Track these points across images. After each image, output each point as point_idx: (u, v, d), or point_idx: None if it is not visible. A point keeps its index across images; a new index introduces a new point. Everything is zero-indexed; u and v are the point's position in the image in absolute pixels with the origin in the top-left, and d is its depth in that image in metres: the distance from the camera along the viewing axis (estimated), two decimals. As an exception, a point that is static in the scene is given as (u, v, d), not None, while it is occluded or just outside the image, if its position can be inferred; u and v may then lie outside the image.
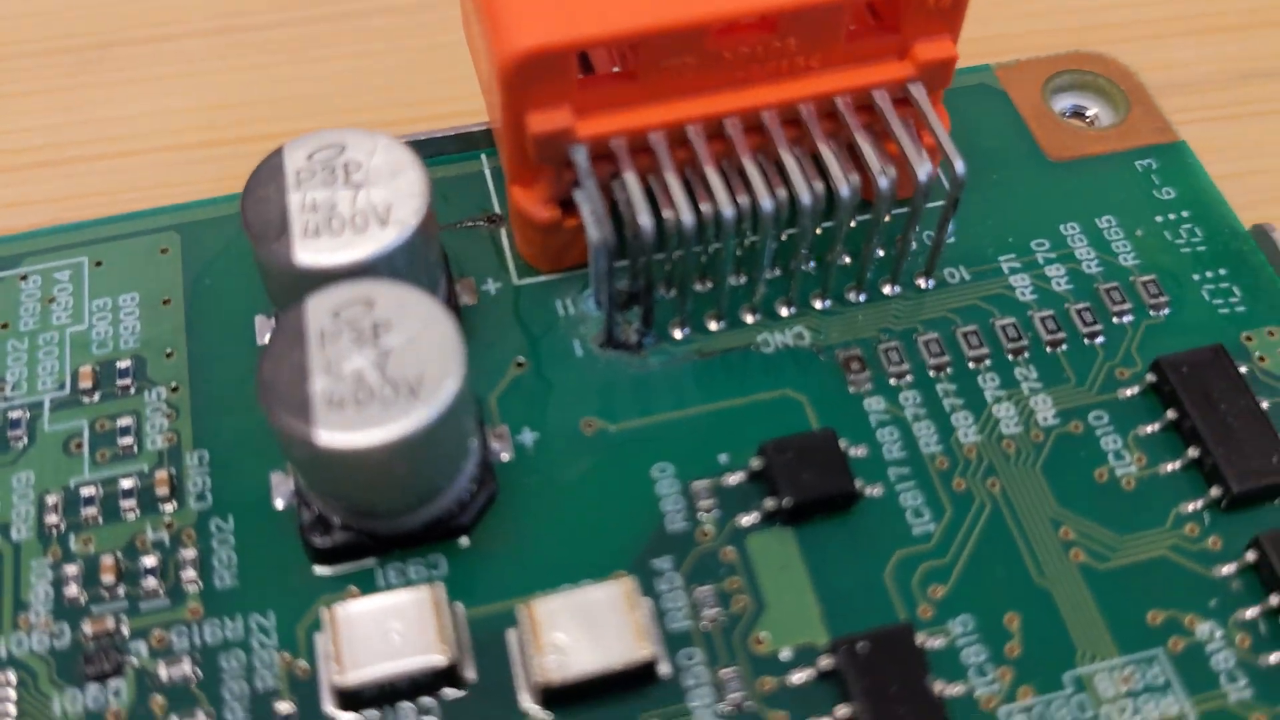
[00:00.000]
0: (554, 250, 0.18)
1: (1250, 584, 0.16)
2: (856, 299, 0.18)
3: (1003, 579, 0.16)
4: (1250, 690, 0.15)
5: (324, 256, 0.15)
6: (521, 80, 0.16)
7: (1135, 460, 0.17)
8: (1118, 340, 0.18)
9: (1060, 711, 0.15)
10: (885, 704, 0.14)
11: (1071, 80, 0.21)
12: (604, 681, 0.14)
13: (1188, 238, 0.19)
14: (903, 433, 0.17)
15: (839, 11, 0.16)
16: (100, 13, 0.25)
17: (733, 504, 0.16)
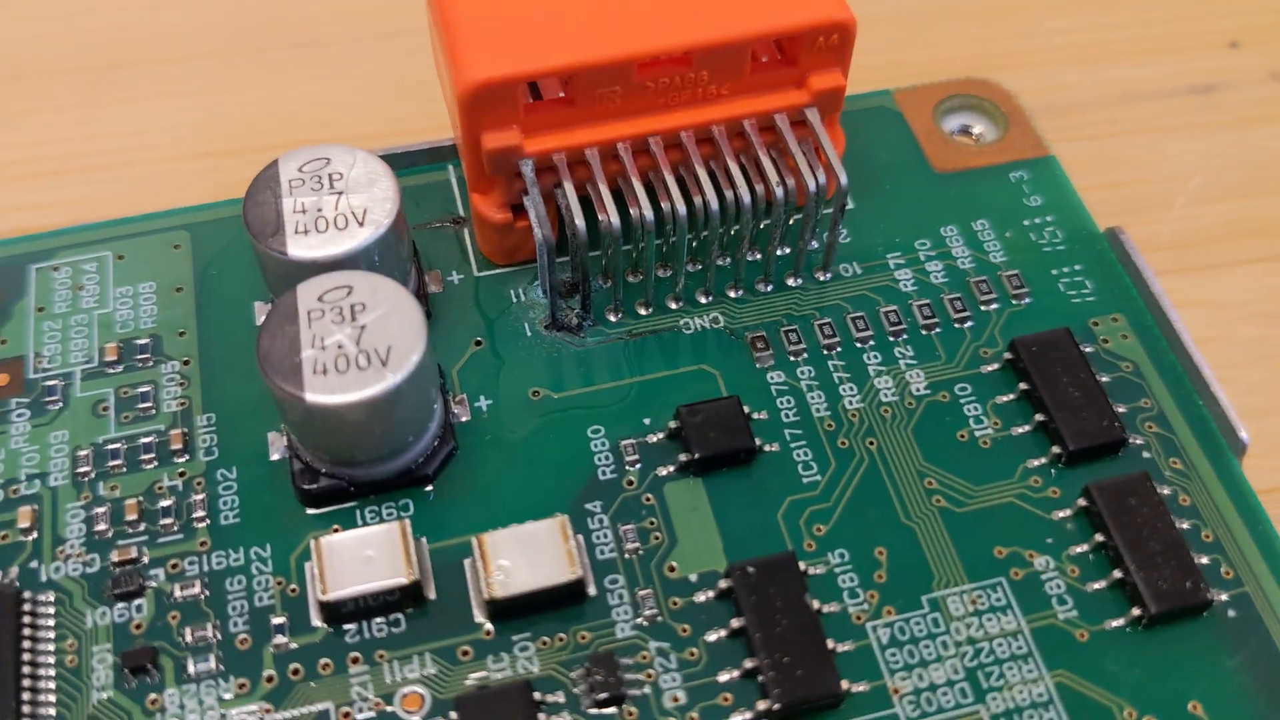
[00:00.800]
0: (507, 247, 0.20)
1: (1081, 526, 0.18)
2: (764, 289, 0.21)
3: (875, 520, 0.18)
4: (1075, 611, 0.17)
5: (312, 251, 0.18)
6: (478, 106, 0.18)
7: (992, 424, 0.19)
8: (984, 325, 0.20)
9: (917, 626, 0.17)
10: (770, 615, 0.17)
11: (961, 103, 0.23)
12: (541, 598, 0.17)
13: (1049, 239, 0.21)
14: (798, 400, 0.19)
15: (743, 50, 0.19)
16: (113, 39, 0.27)
17: (653, 458, 0.19)
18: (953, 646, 0.17)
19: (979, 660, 0.17)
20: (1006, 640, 0.17)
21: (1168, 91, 0.26)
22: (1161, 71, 0.27)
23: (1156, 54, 0.27)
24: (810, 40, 0.19)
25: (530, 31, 0.18)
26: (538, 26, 0.18)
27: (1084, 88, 0.26)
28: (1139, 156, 0.25)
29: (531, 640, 0.17)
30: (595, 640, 0.17)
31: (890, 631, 0.17)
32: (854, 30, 0.19)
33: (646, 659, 0.17)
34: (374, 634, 0.17)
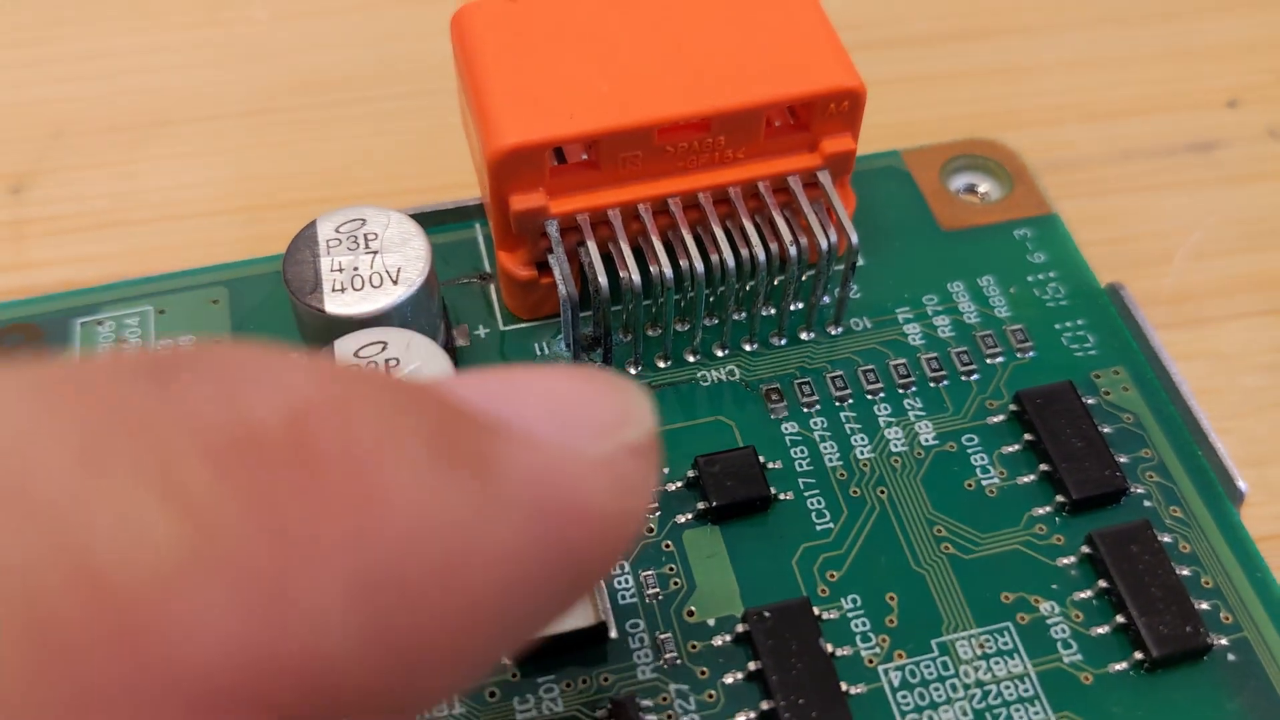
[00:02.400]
0: (532, 303, 0.21)
1: (1084, 572, 0.19)
2: (778, 342, 0.21)
3: (886, 566, 0.19)
4: (1080, 655, 0.18)
5: (349, 308, 0.19)
6: (506, 170, 0.19)
7: (998, 473, 0.20)
8: (989, 377, 0.21)
9: (928, 669, 0.18)
10: (786, 659, 0.18)
11: (966, 162, 0.24)
12: (565, 641, 0.18)
13: (1053, 294, 0.22)
14: (811, 450, 0.20)
15: (759, 116, 0.19)
16: (152, 98, 0.28)
17: (672, 507, 0.19)
18: (962, 689, 0.18)
19: (987, 702, 0.18)
20: (1013, 683, 0.18)
21: (1168, 149, 0.27)
22: (1162, 129, 0.28)
23: (1157, 112, 0.28)
24: (822, 107, 0.20)
25: (556, 99, 0.19)
26: (563, 94, 0.19)
27: (1086, 145, 0.27)
28: (1140, 212, 0.26)
29: (556, 682, 0.18)
30: (617, 682, 0.18)
31: (901, 674, 0.18)
32: (864, 97, 0.20)
33: (666, 700, 0.18)
34: (405, 675, 0.18)
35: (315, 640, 0.08)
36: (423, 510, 0.09)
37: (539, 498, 0.10)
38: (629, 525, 0.11)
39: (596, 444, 0.11)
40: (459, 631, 0.10)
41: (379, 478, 0.09)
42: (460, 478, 0.10)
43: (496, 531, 0.10)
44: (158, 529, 0.08)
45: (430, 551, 0.09)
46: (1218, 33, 0.30)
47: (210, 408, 0.09)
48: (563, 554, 0.10)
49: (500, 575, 0.10)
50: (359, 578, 0.09)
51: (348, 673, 0.09)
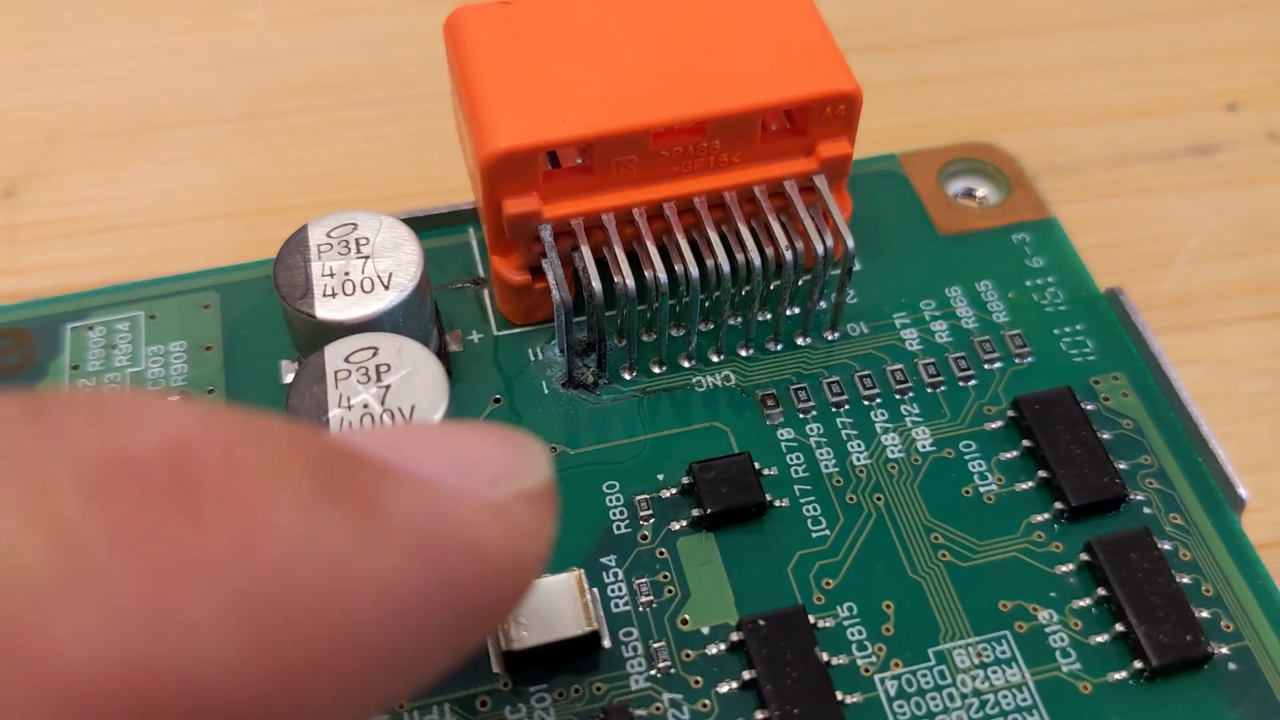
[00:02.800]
0: (526, 307, 0.21)
1: (1083, 580, 0.19)
2: (774, 348, 0.21)
3: (882, 574, 0.19)
4: (1078, 664, 0.18)
5: (340, 313, 0.18)
6: (499, 174, 0.19)
7: (996, 480, 0.20)
8: (987, 383, 0.21)
9: (924, 678, 0.18)
10: (781, 668, 0.17)
11: (964, 166, 0.24)
12: (557, 650, 0.17)
13: (1051, 299, 0.22)
14: (807, 456, 0.20)
15: (754, 120, 0.19)
16: (145, 103, 0.28)
17: (666, 513, 0.19)
18: (959, 698, 0.18)
19: (984, 712, 0.17)
20: (1011, 692, 0.18)
21: (1167, 152, 0.27)
22: (1161, 132, 0.27)
23: (1156, 115, 0.28)
24: (818, 111, 0.20)
25: (550, 103, 0.19)
26: (557, 98, 0.19)
27: (1085, 149, 0.27)
28: (1139, 216, 0.26)
29: (548, 691, 0.18)
30: (610, 692, 0.18)
31: (898, 683, 0.18)
32: (860, 101, 0.20)
33: (660, 710, 0.17)
34: (396, 685, 0.18)
35: (193, 655, 0.09)
36: (302, 537, 0.09)
37: (424, 534, 0.10)
38: (523, 569, 0.11)
39: (490, 490, 0.11)
40: (342, 659, 0.10)
41: (257, 505, 0.09)
42: (342, 511, 0.10)
43: (378, 564, 0.10)
44: (25, 551, 0.08)
45: (308, 577, 0.09)
46: (1217, 35, 0.29)
47: (85, 440, 0.09)
48: (451, 592, 0.10)
49: (384, 607, 0.10)
50: (236, 598, 0.09)
51: (229, 689, 0.09)
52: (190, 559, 0.09)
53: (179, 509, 0.09)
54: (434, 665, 0.11)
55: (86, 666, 0.08)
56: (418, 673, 0.11)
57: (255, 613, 0.09)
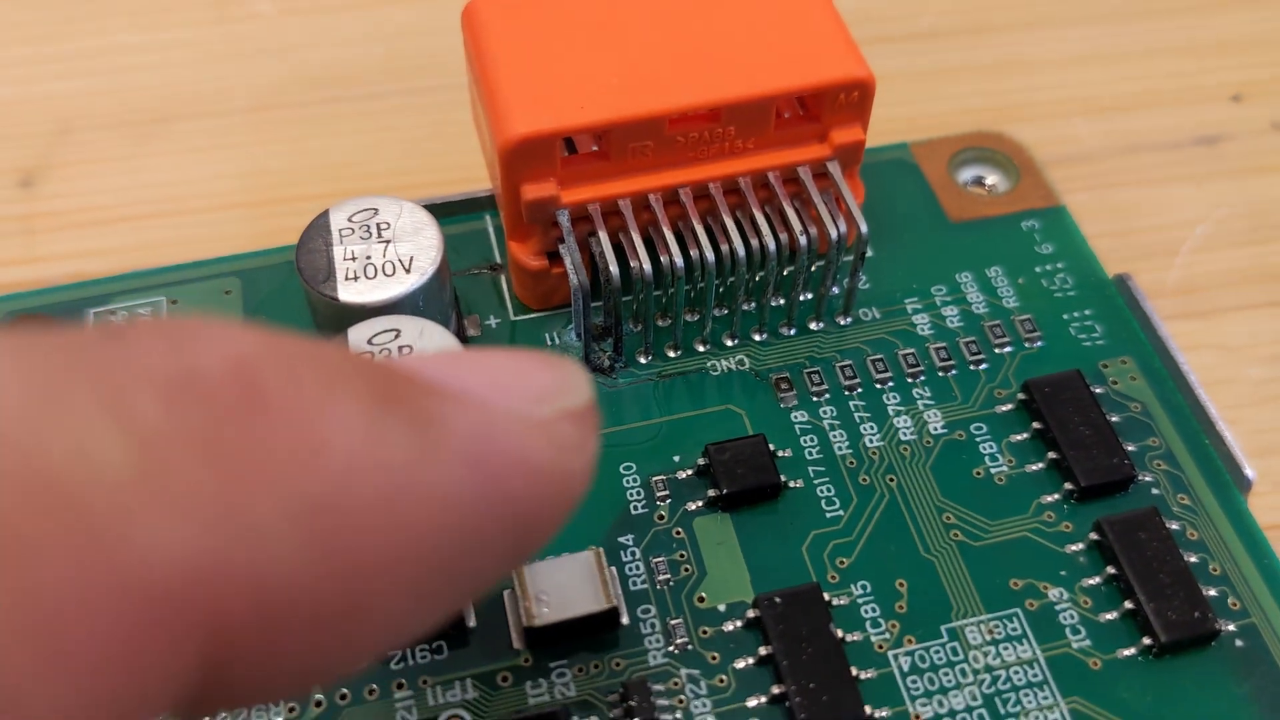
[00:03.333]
0: (543, 292, 0.21)
1: (1093, 559, 0.19)
2: (788, 332, 0.21)
3: (895, 553, 0.19)
4: (1089, 641, 0.18)
5: (362, 297, 0.19)
6: (517, 159, 0.19)
7: (1006, 461, 0.20)
8: (998, 367, 0.21)
9: (937, 654, 0.18)
10: (796, 644, 0.18)
11: (974, 155, 0.24)
12: (577, 626, 0.18)
13: (1060, 285, 0.22)
14: (820, 438, 0.20)
15: (769, 106, 0.20)
16: (160, 93, 0.28)
17: (683, 494, 0.19)
18: (971, 674, 0.18)
19: (996, 687, 0.18)
20: (1023, 668, 0.18)
21: (1174, 142, 0.27)
22: (1167, 123, 0.28)
23: (1162, 106, 0.28)
24: (832, 97, 0.20)
25: (567, 90, 0.19)
26: (574, 85, 0.19)
27: (1093, 139, 0.27)
28: (1146, 205, 0.26)
29: (568, 667, 0.18)
30: (629, 667, 0.18)
31: (911, 659, 0.18)
32: (873, 87, 0.20)
33: (678, 685, 0.18)
34: (417, 660, 0.18)
35: (260, 553, 0.09)
36: (361, 446, 0.10)
37: (477, 448, 0.11)
38: (570, 482, 0.12)
39: (535, 408, 0.12)
40: (402, 564, 0.10)
41: (319, 416, 0.10)
42: (400, 424, 0.10)
43: (435, 474, 0.10)
44: (109, 450, 0.08)
45: (369, 485, 0.10)
46: (1223, 27, 0.30)
47: (159, 357, 0.09)
48: (504, 503, 0.11)
49: (441, 516, 0.10)
50: (301, 502, 0.09)
51: (296, 589, 0.09)
52: (258, 465, 0.09)
53: (246, 419, 0.09)
54: (489, 576, 0.12)
55: (167, 565, 0.09)
56: (473, 583, 0.11)
57: (319, 516, 0.09)
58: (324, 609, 0.10)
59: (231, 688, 0.10)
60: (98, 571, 0.08)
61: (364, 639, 0.10)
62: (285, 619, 0.09)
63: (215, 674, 0.09)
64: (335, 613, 0.10)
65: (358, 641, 0.10)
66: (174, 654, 0.09)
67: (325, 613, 0.10)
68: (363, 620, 0.10)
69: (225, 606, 0.09)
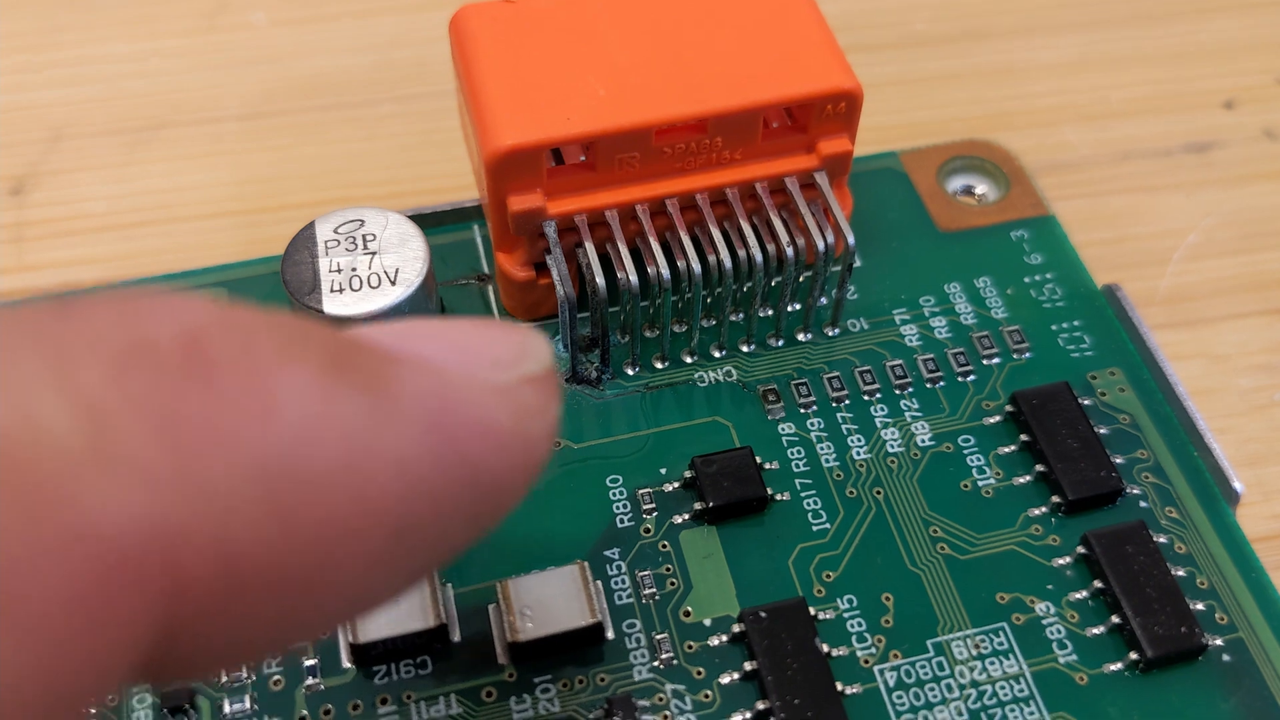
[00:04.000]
0: (530, 303, 0.21)
1: (1080, 572, 0.19)
2: (775, 343, 0.21)
3: (882, 566, 0.19)
4: (1075, 655, 0.18)
5: (347, 309, 0.19)
6: (504, 170, 0.19)
7: (994, 474, 0.20)
8: (986, 378, 0.21)
9: (923, 669, 0.18)
10: (782, 659, 0.18)
11: (963, 164, 0.24)
12: (561, 641, 0.18)
13: (1049, 295, 0.22)
14: (807, 451, 0.20)
15: (756, 117, 0.19)
16: (150, 101, 0.28)
17: (669, 507, 0.19)
18: (957, 689, 0.18)
19: (982, 703, 0.18)
20: (1009, 683, 0.18)
21: (1164, 150, 0.27)
22: (1158, 130, 0.28)
23: (1153, 114, 0.28)
24: (819, 108, 0.20)
25: (553, 100, 0.19)
26: (561, 96, 0.19)
27: (1083, 147, 0.27)
28: (1136, 213, 0.26)
29: (553, 682, 0.18)
30: (614, 682, 0.18)
31: (897, 674, 0.18)
32: (860, 99, 0.20)
33: (663, 700, 0.18)
34: (401, 675, 0.18)
35: (214, 515, 0.09)
36: (315, 410, 0.10)
37: (434, 412, 0.11)
38: (531, 448, 0.12)
39: (494, 373, 0.12)
40: (364, 531, 0.10)
41: (272, 382, 0.10)
42: (354, 388, 0.10)
43: (391, 437, 0.10)
44: (56, 418, 0.08)
45: (324, 448, 0.10)
46: (1214, 34, 0.30)
47: (108, 329, 0.09)
48: (463, 468, 0.11)
49: (399, 480, 0.10)
50: (258, 465, 0.09)
51: (258, 554, 0.09)
52: (210, 430, 0.09)
53: (197, 385, 0.09)
54: (453, 544, 0.12)
55: (117, 527, 0.08)
56: (437, 551, 0.11)
57: (277, 480, 0.09)
58: (283, 572, 0.10)
59: (191, 652, 0.10)
60: (46, 533, 0.08)
61: (325, 605, 0.10)
62: (243, 580, 0.09)
63: (174, 638, 0.09)
64: (295, 576, 0.10)
65: (319, 607, 0.10)
66: (129, 616, 0.09)
67: (285, 576, 0.10)
68: (324, 585, 0.10)
69: (182, 568, 0.09)
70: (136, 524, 0.09)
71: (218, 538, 0.09)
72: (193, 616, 0.09)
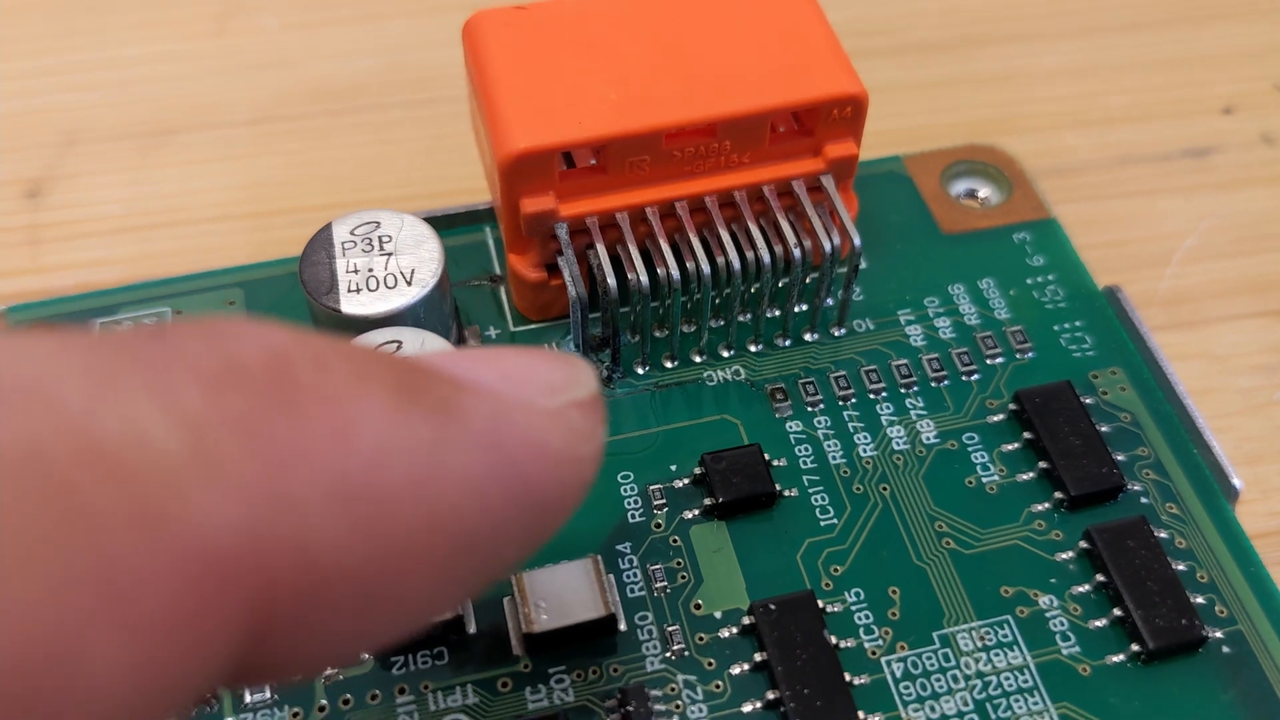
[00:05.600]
0: (542, 304, 0.22)
1: (1082, 566, 0.19)
2: (783, 343, 0.22)
3: (888, 560, 0.19)
4: (1078, 647, 0.18)
5: (364, 308, 0.19)
6: (517, 173, 0.19)
7: (998, 471, 0.20)
8: (989, 377, 0.22)
9: (929, 660, 0.19)
10: (791, 650, 0.18)
11: (966, 168, 0.25)
12: (575, 633, 0.18)
13: (1051, 297, 0.23)
14: (815, 448, 0.21)
15: (764, 121, 0.20)
16: (164, 106, 0.28)
17: (679, 502, 0.20)
18: (962, 680, 0.18)
19: (987, 693, 0.18)
20: (1013, 674, 0.18)
21: (1163, 154, 0.28)
22: (1157, 135, 0.28)
23: (1153, 119, 0.28)
24: (825, 112, 0.20)
25: (565, 105, 0.20)
26: (572, 100, 0.20)
27: (1084, 151, 0.28)
28: (1136, 216, 0.26)
29: (567, 673, 0.18)
30: (626, 673, 0.18)
31: (904, 665, 0.18)
32: (866, 103, 0.20)
33: (675, 691, 0.18)
34: (419, 666, 0.18)
35: (300, 525, 0.10)
36: (389, 430, 0.11)
37: (495, 433, 0.12)
38: (581, 467, 0.13)
39: (547, 398, 0.12)
40: (433, 543, 0.11)
41: (349, 401, 0.10)
42: (422, 411, 0.11)
43: (458, 457, 0.11)
44: (160, 433, 0.09)
45: (397, 464, 0.11)
46: (1213, 41, 0.30)
47: (202, 351, 0.10)
48: (521, 486, 0.12)
49: (464, 496, 0.11)
50: (338, 481, 0.10)
51: (338, 563, 0.10)
52: (294, 445, 0.10)
53: (283, 404, 0.10)
54: (510, 557, 0.12)
55: (219, 537, 0.09)
56: (495, 563, 0.12)
57: (355, 494, 0.10)
58: (360, 579, 0.10)
59: (278, 655, 0.10)
60: (160, 541, 0.09)
61: (397, 613, 0.11)
62: (325, 588, 0.10)
63: (263, 641, 0.10)
64: (370, 583, 0.10)
65: (391, 615, 0.11)
66: (226, 621, 0.09)
67: (361, 583, 0.10)
68: (395, 593, 0.11)
69: (271, 575, 0.10)
70: (234, 532, 0.09)
71: (303, 547, 0.10)
72: (281, 620, 0.10)
